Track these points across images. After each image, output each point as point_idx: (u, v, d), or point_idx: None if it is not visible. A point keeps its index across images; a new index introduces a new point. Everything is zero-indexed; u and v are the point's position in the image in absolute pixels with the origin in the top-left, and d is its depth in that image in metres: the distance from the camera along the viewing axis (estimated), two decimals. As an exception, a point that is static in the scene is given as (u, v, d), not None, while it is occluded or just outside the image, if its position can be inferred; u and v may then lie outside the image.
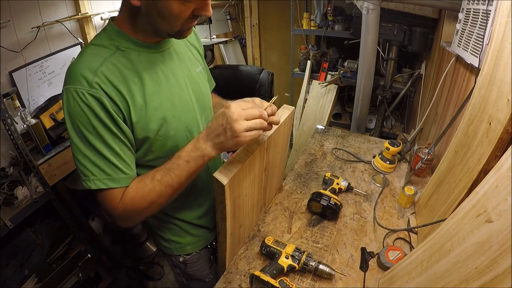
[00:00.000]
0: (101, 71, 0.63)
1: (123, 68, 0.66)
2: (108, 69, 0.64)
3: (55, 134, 1.43)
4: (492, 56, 0.75)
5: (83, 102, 0.61)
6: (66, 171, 1.48)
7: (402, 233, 1.02)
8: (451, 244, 0.60)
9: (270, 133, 0.87)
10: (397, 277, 0.78)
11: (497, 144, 0.67)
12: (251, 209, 0.96)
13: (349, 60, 2.36)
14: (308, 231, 1.04)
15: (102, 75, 0.62)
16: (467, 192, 0.77)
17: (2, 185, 1.30)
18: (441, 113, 1.55)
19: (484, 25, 1.05)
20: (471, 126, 0.82)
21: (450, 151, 0.94)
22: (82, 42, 1.75)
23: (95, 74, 0.62)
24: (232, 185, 0.72)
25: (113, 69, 0.64)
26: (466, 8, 1.25)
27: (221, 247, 0.88)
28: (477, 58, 1.07)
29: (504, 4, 0.73)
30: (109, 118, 0.63)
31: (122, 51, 0.67)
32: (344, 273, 0.89)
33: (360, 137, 1.64)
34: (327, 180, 1.20)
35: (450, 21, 1.62)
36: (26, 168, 1.36)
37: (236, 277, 0.89)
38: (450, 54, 1.47)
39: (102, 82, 0.62)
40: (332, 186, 1.17)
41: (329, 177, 1.21)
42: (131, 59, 0.68)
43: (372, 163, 1.38)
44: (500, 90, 0.69)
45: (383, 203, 1.16)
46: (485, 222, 0.52)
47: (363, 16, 1.81)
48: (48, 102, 1.44)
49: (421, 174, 1.29)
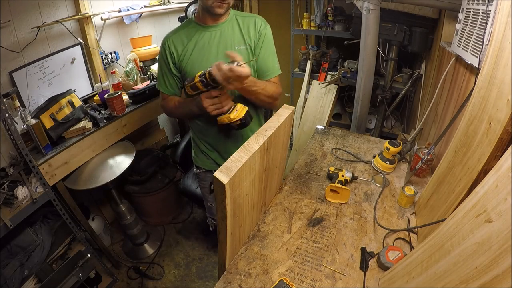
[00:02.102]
0: (172, 36, 1.16)
1: (183, 37, 1.15)
2: (175, 36, 1.16)
3: (55, 134, 1.43)
4: (492, 56, 0.75)
5: (162, 47, 1.18)
6: (66, 171, 1.48)
7: (402, 233, 1.02)
8: (451, 244, 0.60)
9: (270, 133, 0.87)
10: (397, 277, 0.78)
11: (497, 144, 0.67)
12: (251, 209, 0.96)
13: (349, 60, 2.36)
14: (308, 231, 1.04)
15: (171, 38, 1.16)
16: (467, 192, 0.77)
17: (2, 185, 1.30)
18: (441, 113, 1.55)
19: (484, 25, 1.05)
20: (471, 126, 0.82)
21: (450, 151, 0.94)
22: (82, 42, 1.75)
23: (169, 37, 1.16)
24: (232, 185, 0.73)
25: (177, 36, 1.16)
26: (466, 8, 1.25)
27: (221, 246, 0.88)
28: (477, 58, 1.07)
29: (504, 4, 0.73)
30: (167, 58, 1.16)
31: (187, 29, 1.16)
32: (344, 273, 0.89)
33: (360, 137, 1.64)
34: (332, 174, 1.23)
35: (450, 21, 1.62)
36: (26, 168, 1.36)
37: (236, 277, 0.90)
38: (450, 54, 1.47)
39: (170, 41, 1.15)
40: (339, 178, 1.20)
41: (333, 171, 1.25)
42: (188, 33, 1.15)
43: (372, 163, 1.38)
44: (500, 90, 0.69)
45: (383, 203, 1.16)
46: (485, 222, 0.52)
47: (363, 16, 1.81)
48: (48, 102, 1.44)
49: (421, 174, 1.29)
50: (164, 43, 1.16)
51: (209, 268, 1.97)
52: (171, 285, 1.87)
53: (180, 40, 1.14)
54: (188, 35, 1.14)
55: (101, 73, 1.87)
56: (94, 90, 1.87)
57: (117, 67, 1.97)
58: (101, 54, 1.87)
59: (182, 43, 1.13)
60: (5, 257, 1.37)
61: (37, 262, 1.44)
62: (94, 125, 1.60)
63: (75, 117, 1.51)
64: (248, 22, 1.15)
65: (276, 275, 0.90)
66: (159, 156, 2.23)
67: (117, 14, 1.88)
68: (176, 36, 1.15)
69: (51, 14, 1.59)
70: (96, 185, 1.56)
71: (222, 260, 0.93)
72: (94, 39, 1.82)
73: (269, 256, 0.96)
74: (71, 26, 1.69)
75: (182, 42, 1.13)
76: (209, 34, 1.13)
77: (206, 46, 1.13)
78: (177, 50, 1.14)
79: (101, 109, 1.71)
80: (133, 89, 1.82)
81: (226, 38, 1.13)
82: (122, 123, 1.72)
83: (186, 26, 1.16)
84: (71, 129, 1.50)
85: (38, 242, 1.47)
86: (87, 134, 1.54)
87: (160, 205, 2.21)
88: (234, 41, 1.13)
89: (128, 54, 1.97)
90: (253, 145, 0.81)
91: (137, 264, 1.96)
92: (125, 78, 1.88)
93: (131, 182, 2.05)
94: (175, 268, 1.98)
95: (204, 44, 1.13)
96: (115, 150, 1.75)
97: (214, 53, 1.13)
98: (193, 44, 1.13)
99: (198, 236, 2.20)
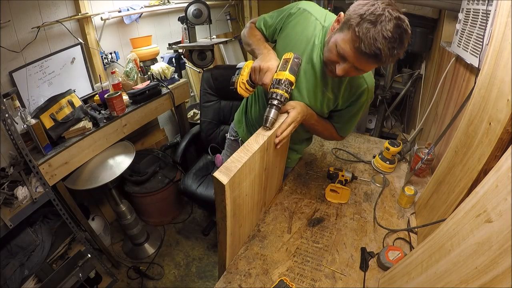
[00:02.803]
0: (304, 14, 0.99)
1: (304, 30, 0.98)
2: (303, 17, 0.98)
3: (55, 134, 1.43)
4: (492, 56, 0.75)
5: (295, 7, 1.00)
6: (66, 171, 1.48)
7: (402, 233, 1.02)
8: (451, 244, 0.60)
9: (270, 133, 0.87)
10: (397, 277, 0.78)
11: (497, 144, 0.67)
12: (251, 209, 0.96)
13: (349, 60, 2.36)
14: (308, 231, 1.04)
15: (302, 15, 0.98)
16: (467, 192, 0.77)
17: (2, 185, 1.30)
18: (441, 113, 1.55)
19: (484, 25, 1.05)
20: (471, 126, 0.82)
21: (450, 151, 0.94)
22: (82, 42, 1.75)
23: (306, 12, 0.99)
24: (232, 185, 0.73)
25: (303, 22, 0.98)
26: (466, 8, 1.25)
27: (221, 247, 0.88)
28: (477, 58, 1.07)
29: (504, 4, 0.73)
30: (286, 14, 1.01)
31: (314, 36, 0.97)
32: (344, 273, 0.89)
33: (360, 137, 1.64)
34: (332, 174, 1.23)
35: (450, 21, 1.63)
36: (26, 168, 1.36)
37: (236, 277, 0.90)
38: (450, 54, 1.47)
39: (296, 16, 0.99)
40: (339, 178, 1.20)
41: (333, 171, 1.24)
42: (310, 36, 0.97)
43: (372, 163, 1.38)
44: (500, 90, 0.69)
45: (383, 203, 1.16)
46: (485, 222, 0.52)
47: (363, 16, 1.80)
48: (48, 102, 1.44)
49: (421, 174, 1.29)
50: (298, 8, 0.99)
51: (209, 268, 1.97)
52: (171, 285, 1.87)
53: (300, 25, 0.98)
54: (305, 31, 0.97)
55: (101, 73, 1.87)
56: (94, 90, 1.87)
57: (117, 67, 1.97)
58: (101, 54, 1.87)
59: (294, 29, 0.98)
60: (5, 257, 1.37)
61: (37, 262, 1.44)
62: (94, 125, 1.60)
63: (75, 117, 1.51)
64: (355, 82, 0.98)
65: (276, 275, 0.90)
66: (159, 156, 2.23)
67: (117, 14, 1.88)
68: (303, 20, 0.98)
69: (51, 14, 1.59)
70: (96, 185, 1.56)
71: (222, 260, 0.93)
72: (94, 39, 1.82)
73: (269, 256, 0.96)
74: (71, 26, 1.69)
75: (295, 30, 0.98)
76: (316, 53, 0.96)
77: (306, 63, 0.98)
78: (292, 23, 0.99)
79: (101, 109, 1.70)
80: (133, 89, 1.82)
81: (325, 76, 0.97)
82: (122, 123, 1.72)
83: (313, 25, 0.97)
84: (71, 129, 1.50)
85: (38, 242, 1.47)
86: (87, 134, 1.54)
87: (160, 205, 2.21)
88: (329, 85, 0.98)
89: (128, 54, 1.97)
90: (253, 145, 0.81)
91: (137, 264, 1.96)
92: (125, 78, 1.88)
93: (131, 182, 2.05)
94: (175, 268, 1.98)
95: (307, 61, 0.98)
96: (115, 150, 1.75)
97: (306, 78, 1.00)
98: (298, 44, 0.98)
99: (198, 236, 2.20)
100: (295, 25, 0.99)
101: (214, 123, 2.08)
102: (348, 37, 0.76)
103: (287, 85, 0.85)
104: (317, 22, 0.96)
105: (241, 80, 0.93)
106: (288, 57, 0.88)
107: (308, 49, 0.97)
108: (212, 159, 2.05)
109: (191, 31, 2.05)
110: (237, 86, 0.94)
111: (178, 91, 2.07)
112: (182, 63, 2.22)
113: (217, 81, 2.00)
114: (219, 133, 2.09)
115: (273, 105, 0.86)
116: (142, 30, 2.15)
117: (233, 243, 0.91)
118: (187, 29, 2.03)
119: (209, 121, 2.05)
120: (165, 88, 1.99)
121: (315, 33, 0.96)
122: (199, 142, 2.12)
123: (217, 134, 2.09)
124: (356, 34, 0.73)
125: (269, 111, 0.86)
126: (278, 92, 0.85)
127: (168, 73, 2.00)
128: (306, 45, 0.97)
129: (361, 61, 0.77)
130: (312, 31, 0.96)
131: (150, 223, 2.28)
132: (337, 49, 0.80)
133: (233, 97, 1.99)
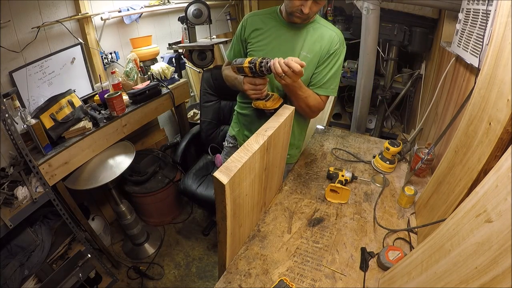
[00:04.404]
0: (252, 17, 1.20)
1: (260, 22, 1.18)
2: (253, 18, 1.20)
3: (55, 134, 1.43)
4: (492, 56, 0.75)
5: (241, 22, 1.23)
6: (66, 171, 1.48)
7: (402, 233, 1.02)
8: (451, 244, 0.60)
9: (270, 133, 0.87)
10: (397, 277, 0.78)
11: (497, 144, 0.67)
12: (251, 209, 0.96)
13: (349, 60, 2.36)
14: (308, 231, 1.04)
15: (250, 18, 1.20)
16: (467, 192, 0.77)
17: (2, 185, 1.30)
18: (441, 113, 1.55)
19: (484, 25, 1.05)
20: (471, 126, 0.82)
21: (450, 151, 0.94)
22: (82, 42, 1.75)
23: (249, 16, 1.21)
24: (232, 185, 0.73)
25: (255, 19, 1.19)
26: (466, 8, 1.25)
27: (221, 246, 0.88)
28: (477, 58, 1.07)
29: (504, 4, 0.73)
30: (239, 30, 1.22)
31: (269, 18, 1.17)
32: (344, 273, 0.89)
33: (360, 137, 1.64)
34: (332, 174, 1.23)
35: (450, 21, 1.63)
36: (26, 168, 1.36)
37: (236, 277, 0.89)
38: (450, 54, 1.47)
39: (247, 20, 1.21)
40: (339, 178, 1.20)
41: (333, 171, 1.24)
42: (268, 21, 1.17)
43: (372, 163, 1.38)
44: (500, 90, 0.69)
45: (383, 203, 1.16)
46: (485, 222, 0.52)
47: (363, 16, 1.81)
48: (48, 102, 1.44)
49: (421, 174, 1.29)
50: (243, 19, 1.22)
51: (209, 268, 1.97)
52: (171, 285, 1.87)
53: (255, 23, 1.18)
54: (266, 22, 1.17)
55: (101, 73, 1.87)
56: (94, 90, 1.87)
57: (117, 67, 1.97)
58: (101, 54, 1.87)
59: (256, 26, 1.18)
60: (5, 257, 1.37)
61: (37, 262, 1.44)
62: (94, 125, 1.60)
63: (75, 117, 1.51)
64: (326, 34, 1.13)
65: (276, 275, 0.90)
66: (159, 156, 2.23)
67: (117, 14, 1.88)
68: (255, 18, 1.19)
69: (51, 14, 1.59)
70: (96, 185, 1.56)
71: (222, 260, 0.93)
72: (94, 39, 1.82)
73: (269, 256, 0.96)
74: (71, 26, 1.69)
75: (257, 26, 1.17)
76: (284, 30, 1.14)
77: (277, 39, 1.15)
78: (248, 30, 1.19)
79: (101, 109, 1.71)
80: (133, 89, 1.82)
81: (297, 41, 1.13)
82: (122, 123, 1.72)
83: (269, 14, 1.19)
84: (71, 129, 1.50)
85: (38, 242, 1.47)
86: (87, 134, 1.54)
87: (160, 205, 2.21)
88: (304, 46, 1.13)
89: (128, 54, 1.97)
90: (253, 145, 0.81)
91: (137, 264, 1.96)
92: (125, 78, 1.88)
93: (131, 182, 2.05)
94: (175, 268, 1.98)
95: (277, 38, 1.15)
96: (115, 150, 1.75)
97: (282, 49, 1.14)
98: (267, 32, 1.16)
99: (198, 236, 2.20)
100: (250, 28, 1.18)
101: (214, 123, 2.08)
102: None
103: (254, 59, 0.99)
104: (265, 13, 1.19)
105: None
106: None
107: (269, 26, 1.16)
108: (212, 159, 2.05)
109: (191, 31, 2.05)
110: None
111: (178, 91, 2.07)
112: (182, 63, 2.22)
113: (217, 81, 2.00)
114: (219, 133, 2.09)
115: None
116: (142, 30, 2.15)
117: (233, 243, 0.91)
118: (187, 29, 2.03)
119: (209, 121, 2.06)
120: (165, 88, 1.99)
121: (269, 18, 1.17)
122: (199, 142, 2.12)
123: (217, 134, 2.09)
124: None
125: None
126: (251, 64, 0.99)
127: (168, 73, 2.00)
128: (265, 26, 1.16)
129: None
130: (264, 14, 1.19)
131: (150, 223, 2.28)
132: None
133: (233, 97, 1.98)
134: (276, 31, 1.15)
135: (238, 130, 1.39)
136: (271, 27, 1.16)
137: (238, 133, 1.39)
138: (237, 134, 1.40)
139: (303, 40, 1.13)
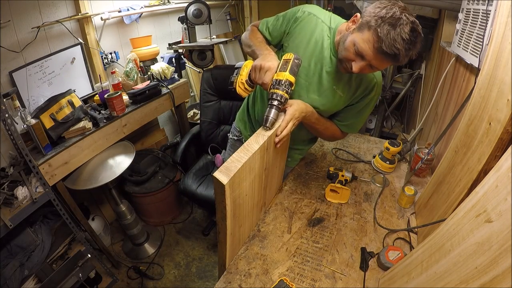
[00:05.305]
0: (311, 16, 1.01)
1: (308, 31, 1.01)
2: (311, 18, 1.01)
3: (55, 134, 1.43)
4: (492, 56, 0.75)
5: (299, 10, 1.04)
6: (66, 171, 1.48)
7: (402, 233, 1.02)
8: (451, 244, 0.60)
9: (270, 133, 0.87)
10: (397, 277, 0.78)
11: (497, 144, 0.67)
12: (251, 209, 0.96)
13: (349, 60, 2.35)
14: (308, 231, 1.04)
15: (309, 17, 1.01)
16: (467, 192, 0.77)
17: (2, 185, 1.30)
18: (441, 113, 1.55)
19: (484, 25, 1.05)
20: (471, 126, 0.82)
21: (450, 151, 0.94)
22: (82, 42, 1.75)
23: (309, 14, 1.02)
24: (232, 185, 0.73)
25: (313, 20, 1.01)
26: (466, 8, 1.25)
27: (221, 246, 0.88)
28: (477, 58, 1.07)
29: (504, 4, 0.73)
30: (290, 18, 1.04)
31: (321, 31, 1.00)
32: (344, 273, 0.89)
33: (360, 137, 1.64)
34: (332, 174, 1.23)
35: (450, 21, 1.63)
36: (26, 168, 1.36)
37: (236, 277, 0.89)
38: (450, 54, 1.47)
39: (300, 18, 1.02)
40: (339, 178, 1.20)
41: (333, 171, 1.24)
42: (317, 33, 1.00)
43: (372, 163, 1.38)
44: (500, 90, 0.69)
45: (383, 203, 1.16)
46: (485, 222, 0.52)
47: (363, 16, 1.80)
48: (48, 102, 1.44)
49: (421, 174, 1.29)
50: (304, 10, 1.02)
51: (209, 268, 1.97)
52: (171, 285, 1.87)
53: (307, 26, 1.01)
54: (313, 34, 1.00)
55: (101, 73, 1.87)
56: (94, 90, 1.87)
57: (117, 67, 1.97)
58: (101, 54, 1.87)
59: (306, 29, 1.01)
60: (5, 257, 1.37)
61: (37, 262, 1.44)
62: (94, 125, 1.60)
63: (75, 117, 1.51)
64: (365, 76, 1.02)
65: (276, 275, 0.90)
66: (159, 156, 2.23)
67: (117, 14, 1.88)
68: (312, 19, 1.01)
69: (51, 14, 1.59)
70: (96, 185, 1.56)
71: (222, 260, 0.93)
72: (94, 39, 1.82)
73: (269, 256, 0.96)
74: (71, 26, 1.69)
75: (307, 30, 1.01)
76: (327, 53, 0.99)
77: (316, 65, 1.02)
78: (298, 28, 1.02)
79: (101, 109, 1.70)
80: (133, 89, 1.82)
81: (334, 74, 1.00)
82: (122, 123, 1.72)
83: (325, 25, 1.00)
84: (71, 129, 1.50)
85: (38, 242, 1.47)
86: (87, 134, 1.54)
87: (160, 205, 2.21)
88: (340, 84, 1.01)
89: (128, 54, 1.97)
90: (253, 145, 0.81)
91: (137, 264, 1.96)
92: (125, 78, 1.88)
93: (131, 182, 2.05)
94: (175, 268, 1.97)
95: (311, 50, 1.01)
96: (115, 150, 1.75)
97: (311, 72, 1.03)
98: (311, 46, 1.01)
99: (198, 236, 2.20)
100: (302, 28, 1.01)
101: (214, 123, 2.08)
102: (367, 37, 0.81)
103: (287, 86, 0.85)
104: (323, 24, 1.00)
105: (240, 80, 0.93)
106: (288, 57, 0.88)
107: (317, 50, 1.00)
108: (212, 159, 2.05)
109: (191, 31, 2.05)
110: (236, 86, 0.94)
111: (178, 91, 2.07)
112: (182, 63, 2.22)
113: (217, 81, 2.00)
114: (219, 133, 2.09)
115: (273, 105, 0.86)
116: (142, 30, 2.15)
117: (233, 243, 0.91)
118: (187, 29, 2.03)
119: (209, 121, 2.05)
120: (165, 88, 1.99)
121: (323, 35, 0.99)
122: (199, 142, 2.12)
123: (217, 134, 2.09)
124: (377, 34, 0.78)
125: (269, 111, 0.86)
126: (278, 92, 0.85)
127: (168, 73, 2.00)
128: (315, 47, 1.00)
129: (378, 60, 0.83)
130: (320, 33, 1.00)
131: (150, 223, 2.28)
132: (355, 48, 0.84)
133: (233, 97, 1.99)
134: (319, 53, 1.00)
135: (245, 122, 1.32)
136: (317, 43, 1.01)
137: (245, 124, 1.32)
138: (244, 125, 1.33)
139: (340, 76, 1.00)
